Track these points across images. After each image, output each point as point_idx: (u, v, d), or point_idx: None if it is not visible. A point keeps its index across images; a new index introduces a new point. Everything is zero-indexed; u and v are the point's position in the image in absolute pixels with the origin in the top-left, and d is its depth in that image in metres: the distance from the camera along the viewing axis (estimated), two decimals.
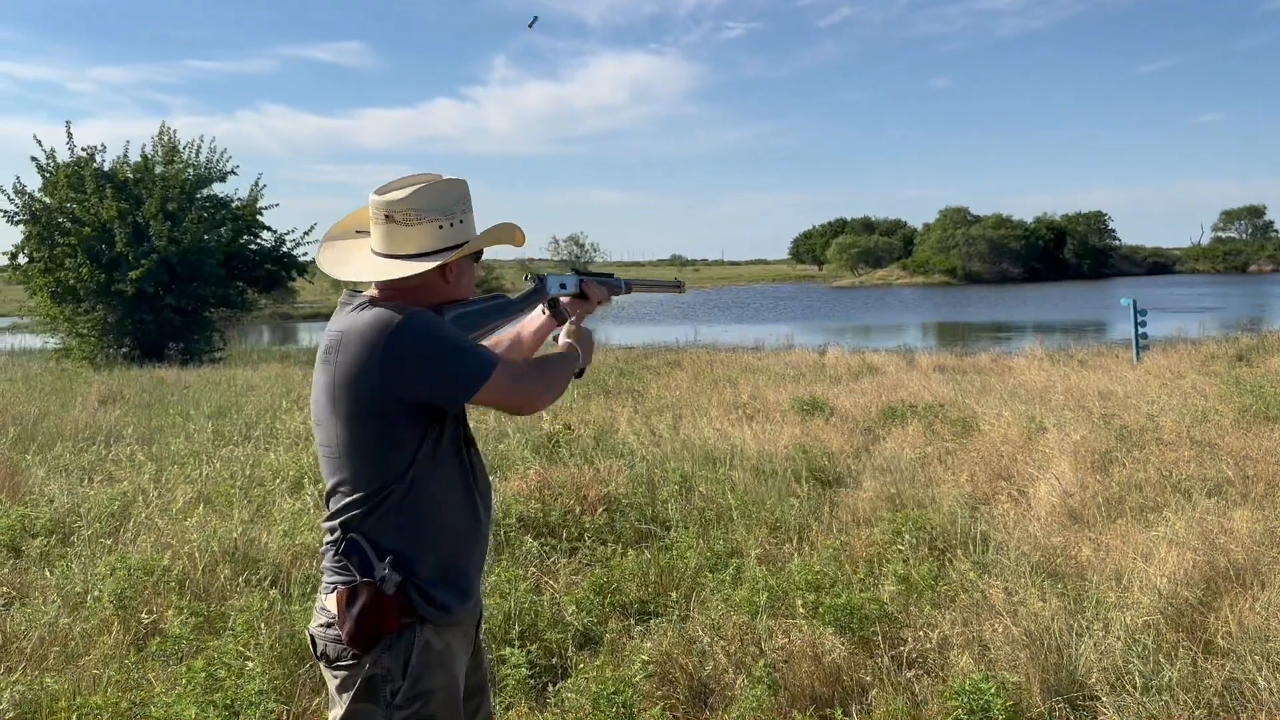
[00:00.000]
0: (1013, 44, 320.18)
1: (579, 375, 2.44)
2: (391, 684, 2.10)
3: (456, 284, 2.26)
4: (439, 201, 2.18)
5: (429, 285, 2.21)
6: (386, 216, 2.18)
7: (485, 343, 2.30)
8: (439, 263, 2.16)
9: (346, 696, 2.12)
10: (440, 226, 2.18)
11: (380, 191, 2.20)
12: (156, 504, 6.41)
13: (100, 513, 6.12)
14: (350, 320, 2.14)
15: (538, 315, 2.62)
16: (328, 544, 2.17)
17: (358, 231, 2.31)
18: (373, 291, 2.22)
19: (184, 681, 3.63)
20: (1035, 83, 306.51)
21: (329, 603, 2.15)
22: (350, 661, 2.11)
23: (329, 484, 2.18)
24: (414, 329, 2.08)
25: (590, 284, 2.61)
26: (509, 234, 2.30)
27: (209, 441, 8.90)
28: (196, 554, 5.13)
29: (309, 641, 2.21)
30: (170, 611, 4.54)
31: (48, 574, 5.11)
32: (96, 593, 4.71)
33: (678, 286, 3.23)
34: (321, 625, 2.16)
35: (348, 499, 2.13)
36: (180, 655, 4.07)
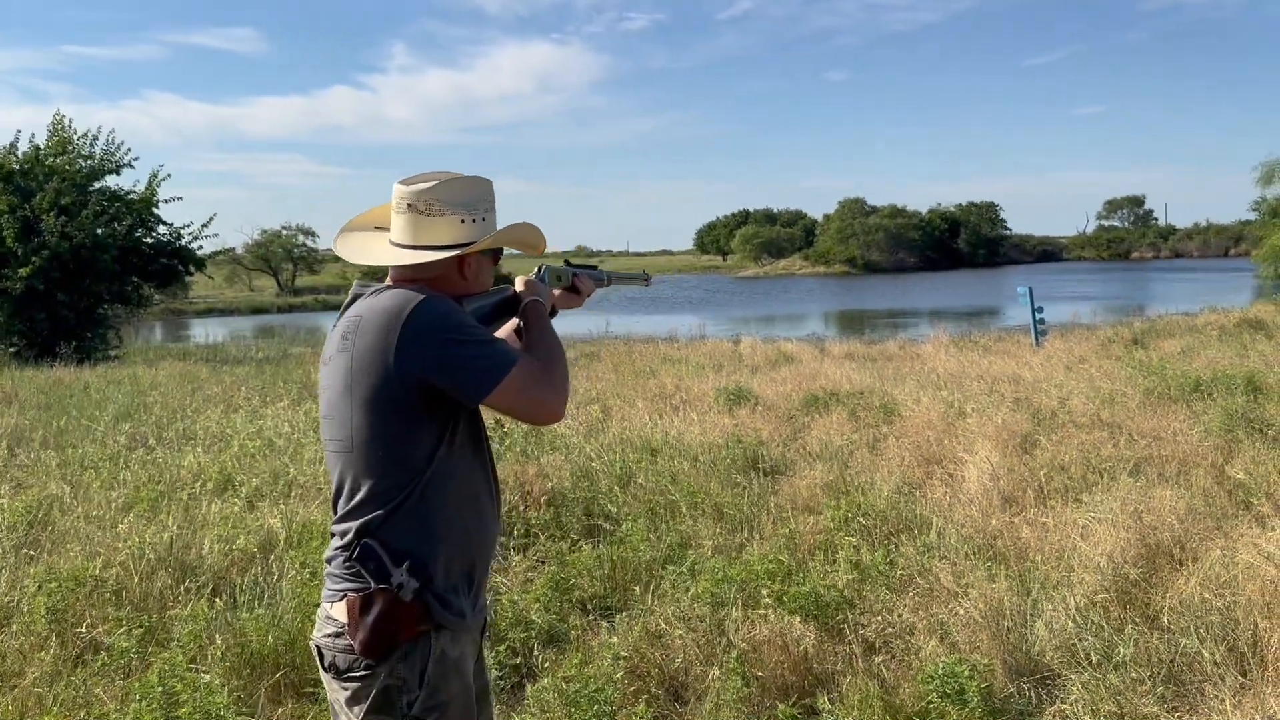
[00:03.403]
0: (905, 37, 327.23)
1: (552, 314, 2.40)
2: (408, 695, 2.03)
3: (474, 280, 2.22)
4: (463, 196, 2.16)
5: (446, 279, 2.17)
6: (409, 206, 2.14)
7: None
8: (457, 253, 2.13)
9: (359, 709, 2.05)
10: (462, 220, 2.15)
11: (406, 182, 2.17)
12: (78, 511, 6.12)
13: (17, 521, 5.81)
14: (368, 303, 2.09)
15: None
16: (336, 548, 2.08)
17: (376, 227, 2.28)
18: (389, 282, 2.18)
19: (138, 697, 3.47)
20: (928, 75, 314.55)
21: (336, 611, 2.06)
22: (363, 673, 2.03)
23: (338, 483, 2.10)
24: (434, 310, 2.03)
25: (582, 277, 2.57)
26: (530, 235, 2.28)
27: (124, 445, 8.54)
28: (130, 562, 4.91)
29: (314, 653, 2.13)
30: (107, 624, 4.34)
31: None
32: (25, 606, 4.48)
33: (645, 280, 3.12)
34: (329, 635, 2.08)
35: (362, 499, 2.05)
36: (128, 670, 3.90)
